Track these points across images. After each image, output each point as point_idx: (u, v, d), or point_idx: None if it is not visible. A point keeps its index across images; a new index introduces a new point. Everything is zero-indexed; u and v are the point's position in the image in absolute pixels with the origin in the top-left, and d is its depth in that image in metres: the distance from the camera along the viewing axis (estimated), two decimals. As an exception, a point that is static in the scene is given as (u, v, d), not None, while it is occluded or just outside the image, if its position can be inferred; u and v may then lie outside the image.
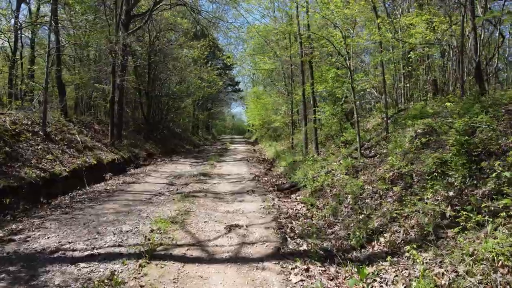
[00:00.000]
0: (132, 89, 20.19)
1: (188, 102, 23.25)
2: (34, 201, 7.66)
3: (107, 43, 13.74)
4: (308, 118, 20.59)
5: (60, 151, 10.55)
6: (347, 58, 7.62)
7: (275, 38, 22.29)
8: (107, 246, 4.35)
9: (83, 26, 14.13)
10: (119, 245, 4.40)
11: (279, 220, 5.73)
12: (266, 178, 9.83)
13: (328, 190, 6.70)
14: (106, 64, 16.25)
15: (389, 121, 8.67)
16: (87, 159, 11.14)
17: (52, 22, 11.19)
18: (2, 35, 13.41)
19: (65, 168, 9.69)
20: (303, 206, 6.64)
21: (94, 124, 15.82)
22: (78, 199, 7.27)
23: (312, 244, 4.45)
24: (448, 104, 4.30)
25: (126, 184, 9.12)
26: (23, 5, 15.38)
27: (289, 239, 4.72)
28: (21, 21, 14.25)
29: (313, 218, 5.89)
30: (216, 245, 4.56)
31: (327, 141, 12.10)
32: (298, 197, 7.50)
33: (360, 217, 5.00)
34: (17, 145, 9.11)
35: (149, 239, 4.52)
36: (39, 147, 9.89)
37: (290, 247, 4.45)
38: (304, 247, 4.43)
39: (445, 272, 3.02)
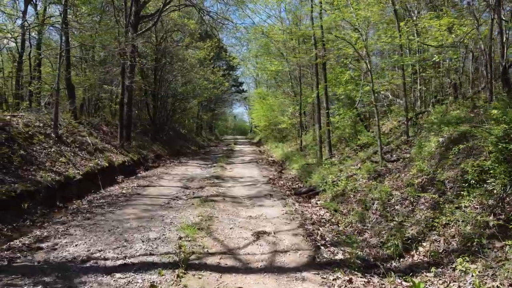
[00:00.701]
0: (138, 90, 20.09)
1: (193, 103, 23.14)
2: (51, 205, 7.57)
3: (116, 44, 13.64)
4: (313, 122, 20.49)
5: (72, 154, 10.46)
6: (367, 60, 7.53)
7: (281, 38, 22.21)
8: (139, 255, 4.26)
9: (92, 27, 14.02)
10: (151, 254, 4.30)
11: (305, 226, 5.64)
12: (282, 182, 9.74)
13: (352, 195, 6.61)
14: (115, 65, 16.17)
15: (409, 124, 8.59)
16: (99, 162, 11.05)
17: (63, 23, 11.09)
18: (10, 36, 13.34)
19: (78, 171, 9.60)
20: (326, 212, 6.54)
21: (102, 125, 15.73)
22: (96, 204, 7.17)
23: (348, 252, 4.35)
24: (494, 111, 4.19)
25: (141, 187, 9.02)
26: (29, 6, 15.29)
27: (322, 247, 4.63)
28: (29, 22, 14.16)
29: (339, 224, 5.80)
30: (248, 253, 4.47)
31: (340, 143, 12.01)
32: (318, 202, 7.41)
33: (392, 224, 4.91)
34: (31, 148, 9.01)
35: (180, 247, 4.42)
36: (52, 150, 9.79)
37: (325, 256, 4.36)
38: (340, 256, 4.34)
39: (500, 286, 2.93)
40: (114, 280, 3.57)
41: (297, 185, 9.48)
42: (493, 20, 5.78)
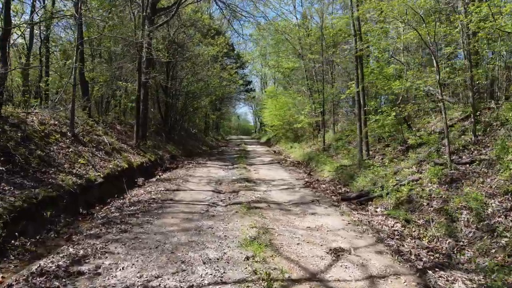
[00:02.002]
0: (151, 86, 19.15)
1: (205, 102, 22.24)
2: (74, 213, 6.68)
3: (132, 37, 12.71)
4: (330, 121, 19.62)
5: (90, 154, 9.56)
6: (436, 51, 6.64)
7: (297, 35, 21.33)
8: (209, 284, 3.35)
9: (108, 19, 13.10)
10: (222, 282, 3.40)
11: (385, 241, 4.74)
12: (324, 186, 8.83)
13: (424, 203, 5.72)
14: (129, 61, 15.26)
15: (466, 122, 7.73)
16: (118, 163, 10.15)
17: (78, 13, 10.17)
18: (19, 31, 12.44)
19: (99, 173, 8.70)
20: (396, 222, 5.65)
21: (116, 124, 14.81)
22: (127, 211, 6.25)
23: (468, 280, 3.46)
24: None
25: (170, 192, 8.10)
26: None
27: (429, 271, 3.73)
28: (39, 14, 13.25)
29: (421, 239, 4.91)
30: (339, 280, 3.58)
31: (376, 143, 11.12)
32: (377, 209, 6.51)
33: (503, 241, 4.02)
34: (48, 147, 8.13)
35: (255, 272, 3.53)
36: (69, 150, 8.90)
37: (441, 284, 3.46)
38: (460, 284, 3.44)
39: None
40: (192, 324, 2.67)
41: (339, 189, 8.58)
42: None
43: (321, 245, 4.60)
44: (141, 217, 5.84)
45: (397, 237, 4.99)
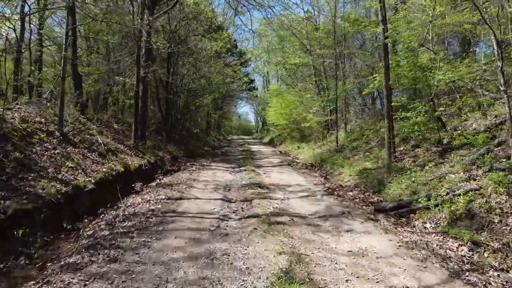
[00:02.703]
0: (150, 84, 17.92)
1: (208, 100, 21.00)
2: (56, 228, 5.47)
3: (130, 26, 11.48)
4: (341, 120, 18.41)
5: (81, 156, 8.33)
6: (499, 37, 5.42)
7: (303, 29, 20.11)
8: None
9: (103, 8, 11.88)
10: None
11: (463, 276, 3.52)
12: (351, 193, 7.59)
13: (495, 220, 4.50)
14: (128, 54, 14.03)
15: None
16: (113, 166, 8.92)
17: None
18: (8, 25, 11.25)
19: (89, 178, 7.48)
20: (459, 244, 4.42)
21: (113, 123, 13.58)
22: (120, 228, 5.02)
23: None
24: None
25: (172, 201, 6.86)
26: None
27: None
28: (29, 5, 12.03)
29: (508, 271, 3.69)
30: None
31: (402, 144, 9.89)
32: (426, 225, 5.29)
33: None
34: (29, 148, 6.90)
35: None
36: (56, 152, 7.67)
37: None
38: None
39: None
40: None
41: (368, 197, 7.36)
42: None
43: (378, 282, 3.39)
44: (136, 237, 4.61)
45: (472, 267, 3.77)
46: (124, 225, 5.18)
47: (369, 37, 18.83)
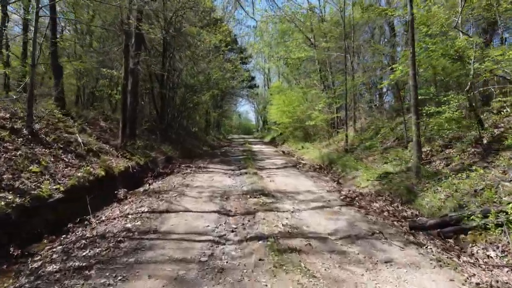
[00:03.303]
0: (142, 81, 16.56)
1: (206, 97, 19.61)
2: (-3, 257, 4.12)
3: (117, 11, 10.13)
4: (349, 118, 17.05)
5: (51, 158, 6.98)
6: None
7: (307, 21, 18.73)
8: None
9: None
10: None
11: None
12: (376, 204, 6.19)
13: None
14: (117, 44, 12.65)
15: None
16: (91, 169, 7.56)
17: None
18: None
19: (58, 185, 6.14)
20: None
21: (100, 120, 12.22)
22: (77, 258, 3.64)
23: None
24: None
25: (156, 215, 5.49)
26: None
27: None
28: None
29: None
30: None
31: (426, 144, 8.51)
32: (489, 253, 3.92)
33: None
34: (-23, 150, 5.54)
35: None
36: (18, 153, 6.32)
37: None
38: None
39: None
40: None
41: (397, 208, 5.98)
42: None
43: None
44: (94, 276, 3.23)
45: None
46: (84, 254, 3.80)
47: (378, 29, 17.46)
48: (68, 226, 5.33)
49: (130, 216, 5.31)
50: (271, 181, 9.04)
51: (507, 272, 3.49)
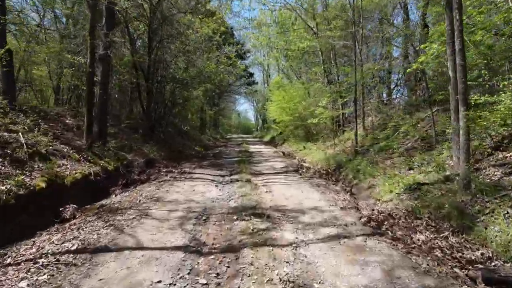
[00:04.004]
0: (126, 73, 14.62)
1: (199, 92, 17.64)
2: None
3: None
4: (354, 115, 15.05)
5: (-37, 166, 5.02)
6: None
7: (307, 8, 16.77)
8: None
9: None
10: None
11: None
12: (420, 237, 4.20)
13: None
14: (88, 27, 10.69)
15: None
16: (26, 180, 5.62)
17: None
18: None
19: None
20: None
21: (67, 116, 10.26)
22: None
23: None
24: None
25: (85, 257, 3.54)
26: None
27: None
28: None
29: None
30: None
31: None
32: None
33: None
34: None
35: None
36: None
37: None
38: None
39: None
40: None
41: (447, 239, 4.03)
42: None
43: None
44: None
45: None
46: None
47: (390, 14, 15.50)
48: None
49: (42, 261, 3.36)
50: (268, 191, 7.10)
51: None
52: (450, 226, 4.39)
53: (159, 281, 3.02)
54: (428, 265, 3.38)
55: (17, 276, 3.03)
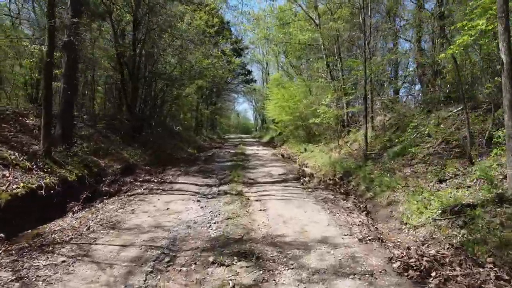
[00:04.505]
0: (109, 64, 13.10)
1: (191, 89, 16.07)
2: None
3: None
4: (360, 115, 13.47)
5: None
6: None
7: None
8: None
9: None
10: None
11: None
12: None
13: None
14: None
15: None
16: None
17: None
18: None
19: None
20: None
21: (29, 116, 8.71)
22: None
23: None
24: None
25: None
26: None
27: None
28: None
29: None
30: None
31: None
32: None
33: None
34: None
35: None
36: None
37: None
38: None
39: None
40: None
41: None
42: None
43: None
44: None
45: None
46: None
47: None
48: None
49: None
50: (262, 209, 5.56)
51: None
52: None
53: None
54: None
55: None
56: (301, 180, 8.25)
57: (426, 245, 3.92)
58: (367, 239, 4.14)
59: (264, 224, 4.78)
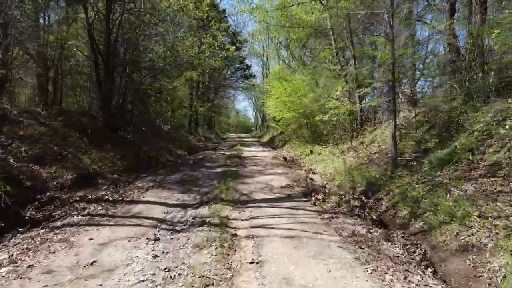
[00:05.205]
0: (81, 52, 10.78)
1: (179, 82, 13.72)
2: None
3: None
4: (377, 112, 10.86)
5: None
6: None
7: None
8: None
9: None
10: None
11: None
12: None
13: None
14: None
15: None
16: None
17: None
18: None
19: None
20: None
21: None
22: None
23: None
24: None
25: None
26: None
27: None
28: None
29: None
30: None
31: None
32: None
33: None
34: None
35: None
36: None
37: None
38: None
39: None
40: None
41: None
42: None
43: None
44: None
45: None
46: None
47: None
48: None
49: None
50: (256, 261, 3.25)
51: None
52: None
53: None
54: None
55: None
56: (312, 198, 5.89)
57: None
58: None
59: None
